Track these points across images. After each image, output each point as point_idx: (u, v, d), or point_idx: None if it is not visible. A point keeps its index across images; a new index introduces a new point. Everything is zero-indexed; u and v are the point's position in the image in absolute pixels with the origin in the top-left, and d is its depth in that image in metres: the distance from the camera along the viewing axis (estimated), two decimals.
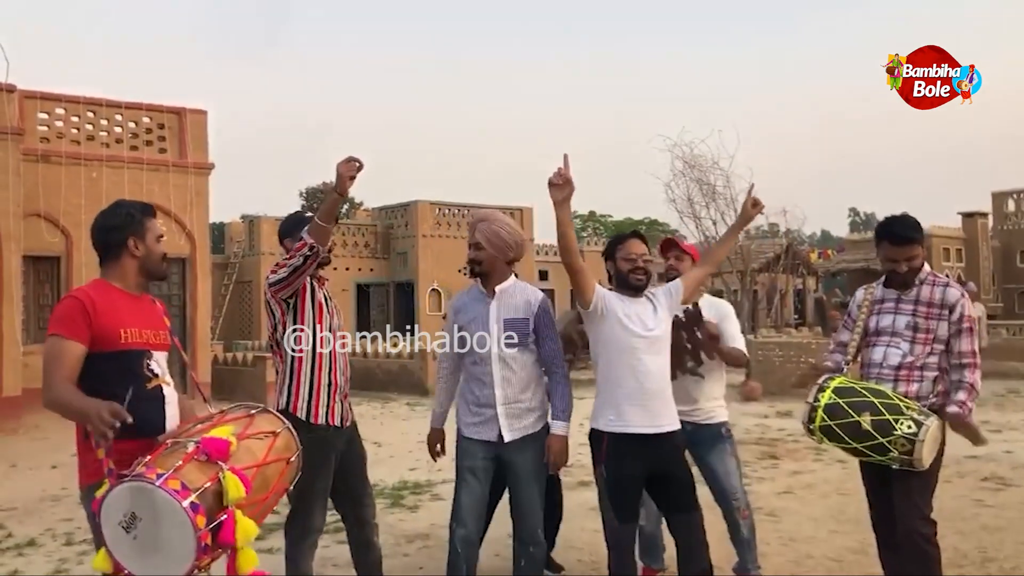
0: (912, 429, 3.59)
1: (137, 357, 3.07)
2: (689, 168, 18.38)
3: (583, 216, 62.93)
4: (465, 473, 3.99)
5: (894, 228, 3.93)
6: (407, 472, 7.95)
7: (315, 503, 3.87)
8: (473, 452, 3.99)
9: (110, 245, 3.19)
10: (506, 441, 3.93)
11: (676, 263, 4.68)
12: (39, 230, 15.05)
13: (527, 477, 3.97)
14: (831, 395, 3.75)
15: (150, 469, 2.67)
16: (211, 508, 2.66)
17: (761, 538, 5.66)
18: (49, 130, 15.67)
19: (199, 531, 2.57)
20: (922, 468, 3.64)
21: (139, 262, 3.20)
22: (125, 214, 3.20)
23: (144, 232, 3.20)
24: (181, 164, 16.74)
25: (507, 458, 3.96)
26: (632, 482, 3.80)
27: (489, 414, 3.94)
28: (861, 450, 3.72)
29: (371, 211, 33.65)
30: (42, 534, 6.37)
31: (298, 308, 3.89)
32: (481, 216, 4.12)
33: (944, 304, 3.90)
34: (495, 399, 3.93)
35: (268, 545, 5.72)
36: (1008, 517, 6.19)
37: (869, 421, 3.64)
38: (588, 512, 6.36)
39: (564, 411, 3.96)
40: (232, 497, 2.70)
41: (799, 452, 9.03)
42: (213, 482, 2.69)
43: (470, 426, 4.01)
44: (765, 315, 30.73)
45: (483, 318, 3.99)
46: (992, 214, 46.76)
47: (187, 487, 2.61)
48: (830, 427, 3.73)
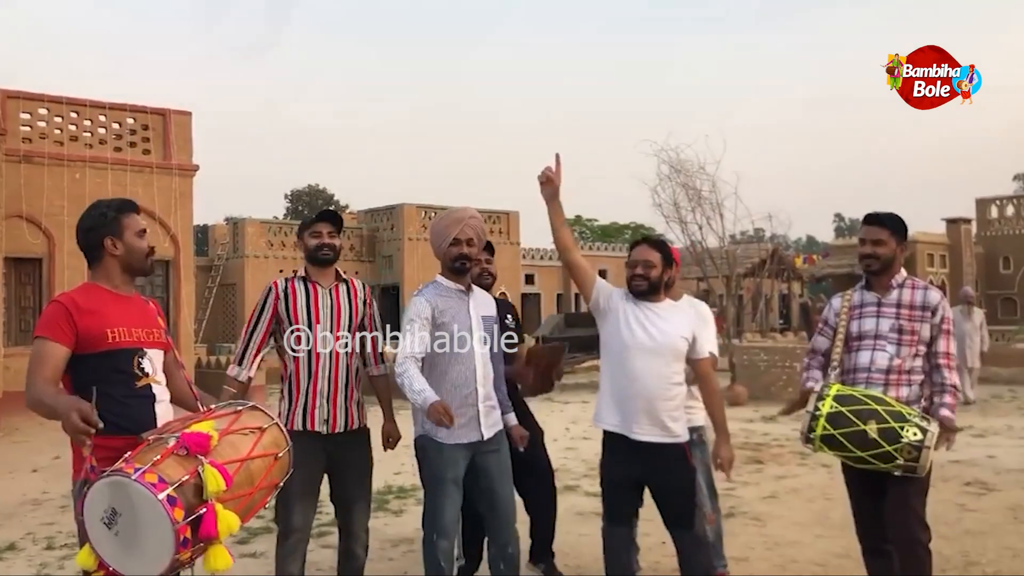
0: (918, 436, 3.57)
1: (127, 356, 3.08)
2: (675, 172, 18.42)
3: (569, 221, 62.95)
4: (449, 485, 3.86)
5: (870, 213, 4.09)
6: (392, 476, 7.91)
7: (291, 504, 3.88)
8: (456, 460, 3.88)
9: (90, 246, 3.20)
10: (485, 439, 3.90)
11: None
12: (21, 232, 14.94)
13: (502, 476, 3.97)
14: (832, 403, 3.68)
15: (129, 464, 2.68)
16: (190, 502, 2.65)
17: (745, 542, 5.68)
18: (32, 130, 15.54)
19: (176, 524, 2.56)
20: (923, 474, 3.64)
21: (119, 260, 3.18)
22: (99, 215, 3.20)
23: (121, 230, 3.18)
24: (165, 166, 16.65)
25: (484, 458, 3.92)
26: (620, 484, 3.81)
27: (471, 414, 3.88)
28: (865, 458, 3.65)
29: (356, 214, 33.58)
30: (23, 538, 6.30)
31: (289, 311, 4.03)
32: (465, 212, 4.06)
33: (926, 306, 3.92)
34: (477, 397, 3.89)
35: (252, 549, 5.69)
36: (991, 522, 6.21)
37: (876, 429, 3.58)
38: (574, 516, 6.36)
39: (507, 402, 4.23)
40: (211, 490, 2.69)
41: (784, 457, 9.06)
42: (192, 476, 2.69)
43: (452, 432, 3.80)
44: (750, 320, 30.83)
45: (464, 316, 3.94)
46: (976, 220, 47.11)
47: (164, 480, 2.61)
48: (833, 436, 3.66)
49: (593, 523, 6.05)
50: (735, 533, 5.92)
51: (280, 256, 28.60)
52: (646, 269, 3.90)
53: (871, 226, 4.03)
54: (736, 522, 6.27)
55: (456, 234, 3.94)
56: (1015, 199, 49.09)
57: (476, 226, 4.00)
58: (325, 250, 4.10)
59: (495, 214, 31.00)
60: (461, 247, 3.94)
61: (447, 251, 3.95)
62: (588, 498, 6.98)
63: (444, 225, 4.00)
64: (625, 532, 3.90)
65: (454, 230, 3.95)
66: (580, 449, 9.41)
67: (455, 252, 3.94)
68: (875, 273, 4.01)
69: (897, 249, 3.98)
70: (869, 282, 4.06)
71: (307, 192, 62.99)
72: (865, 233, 4.04)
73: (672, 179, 17.90)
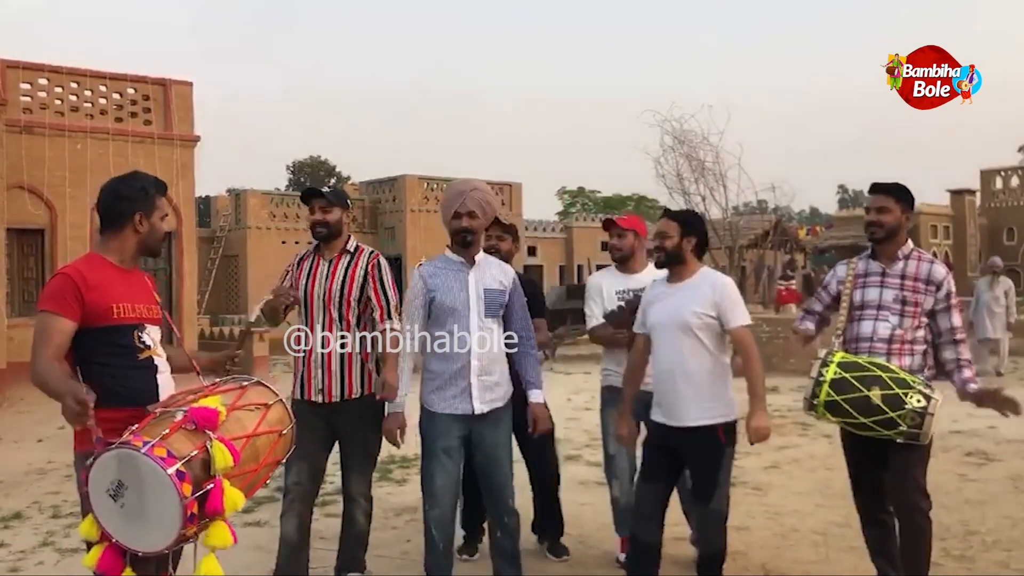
0: (922, 403, 3.58)
1: (129, 331, 3.08)
2: (679, 143, 18.33)
3: (572, 192, 62.82)
4: (440, 454, 3.88)
5: (875, 182, 4.06)
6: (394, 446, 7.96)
7: (287, 465, 3.98)
8: (448, 430, 3.88)
9: (117, 214, 3.14)
10: (477, 414, 3.88)
11: (618, 241, 4.78)
12: (23, 202, 14.90)
13: (497, 452, 3.97)
14: (837, 369, 3.70)
15: (137, 437, 2.68)
16: (198, 477, 2.66)
17: (747, 512, 5.72)
18: (32, 100, 15.47)
19: (185, 499, 2.57)
20: (925, 442, 3.65)
21: (140, 238, 3.17)
22: (139, 188, 3.17)
23: (152, 210, 3.18)
24: (166, 136, 16.59)
25: (477, 433, 3.91)
26: (658, 449, 3.87)
27: (463, 385, 3.87)
28: (868, 425, 3.66)
29: (359, 186, 33.46)
30: (28, 507, 6.36)
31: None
32: (468, 185, 4.04)
33: (931, 280, 3.91)
34: (470, 371, 3.87)
35: (256, 518, 5.74)
36: (990, 491, 6.25)
37: (879, 395, 3.60)
38: (576, 486, 6.40)
39: (537, 379, 4.05)
40: (219, 466, 2.70)
41: (785, 427, 9.09)
42: (200, 451, 2.69)
43: (444, 400, 3.88)
44: (753, 291, 30.83)
45: (457, 289, 3.92)
46: (980, 192, 46.95)
47: (173, 455, 2.61)
48: (836, 402, 3.67)
49: (595, 493, 6.09)
50: (736, 502, 5.92)
51: (282, 227, 28.55)
52: (660, 240, 3.89)
53: (876, 194, 4.02)
54: (737, 491, 6.28)
55: (457, 207, 3.92)
56: (1020, 170, 48.92)
57: (479, 198, 3.97)
58: (319, 227, 4.22)
59: (497, 185, 30.83)
60: (462, 220, 3.92)
61: (451, 223, 3.95)
62: (590, 468, 7.02)
63: (447, 198, 4.00)
64: (652, 489, 3.84)
65: (455, 203, 3.93)
66: (582, 420, 9.44)
67: (455, 226, 3.93)
68: (879, 241, 3.99)
69: (902, 218, 3.96)
70: (874, 252, 4.05)
71: (309, 163, 62.81)
72: (870, 201, 4.04)
73: (676, 150, 17.83)
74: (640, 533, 3.84)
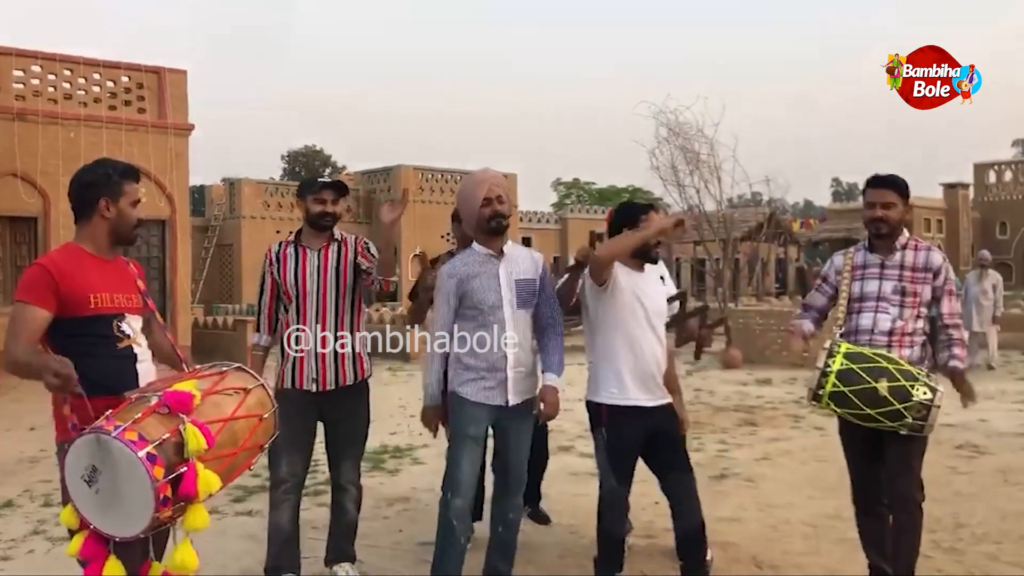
0: (928, 395, 3.59)
1: (107, 320, 3.06)
2: (673, 135, 18.25)
3: (567, 183, 62.79)
4: (468, 441, 3.83)
5: (876, 174, 4.02)
6: (388, 436, 7.95)
7: (278, 457, 4.06)
8: (478, 418, 3.83)
9: (83, 203, 3.14)
10: (510, 405, 3.84)
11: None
12: (16, 190, 14.82)
13: (520, 444, 3.94)
14: (843, 360, 3.68)
15: (109, 421, 2.67)
16: (170, 460, 2.64)
17: (738, 503, 5.74)
18: (25, 88, 15.37)
19: (156, 482, 2.56)
20: (928, 434, 3.67)
21: (109, 224, 3.14)
22: (102, 173, 3.14)
23: (119, 195, 3.14)
24: (160, 125, 16.50)
25: (505, 424, 3.88)
26: (631, 449, 3.92)
27: (500, 378, 3.82)
28: (874, 416, 3.66)
29: (354, 175, 33.43)
30: (20, 495, 6.35)
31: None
32: (486, 173, 3.95)
33: (928, 267, 3.90)
34: (507, 363, 3.82)
35: (248, 507, 5.74)
36: (981, 484, 6.28)
37: (886, 387, 3.59)
38: (568, 477, 6.41)
39: (559, 365, 3.94)
40: (192, 449, 2.67)
41: (777, 419, 9.11)
42: (173, 434, 2.67)
43: (478, 391, 3.82)
44: (746, 284, 30.87)
45: (491, 281, 3.83)
46: (973, 185, 47.04)
47: (144, 438, 2.60)
48: (843, 393, 3.66)
49: (587, 484, 6.10)
50: (728, 494, 5.98)
51: (276, 217, 28.53)
52: (884, 210, 3.91)
53: (880, 188, 3.94)
54: (729, 483, 6.32)
55: (485, 194, 3.83)
56: (1013, 164, 49.03)
57: (501, 183, 3.93)
58: (327, 217, 4.18)
59: None
60: (492, 205, 3.82)
61: (480, 212, 3.82)
62: (582, 459, 7.03)
63: (470, 190, 3.90)
64: (628, 491, 3.98)
65: (482, 190, 3.83)
66: (575, 411, 9.34)
67: (488, 212, 3.81)
68: (884, 236, 3.95)
69: (904, 211, 3.96)
70: (872, 243, 4.03)
71: (304, 153, 62.63)
72: (873, 196, 3.94)
73: (670, 141, 17.78)
74: (615, 532, 3.97)
